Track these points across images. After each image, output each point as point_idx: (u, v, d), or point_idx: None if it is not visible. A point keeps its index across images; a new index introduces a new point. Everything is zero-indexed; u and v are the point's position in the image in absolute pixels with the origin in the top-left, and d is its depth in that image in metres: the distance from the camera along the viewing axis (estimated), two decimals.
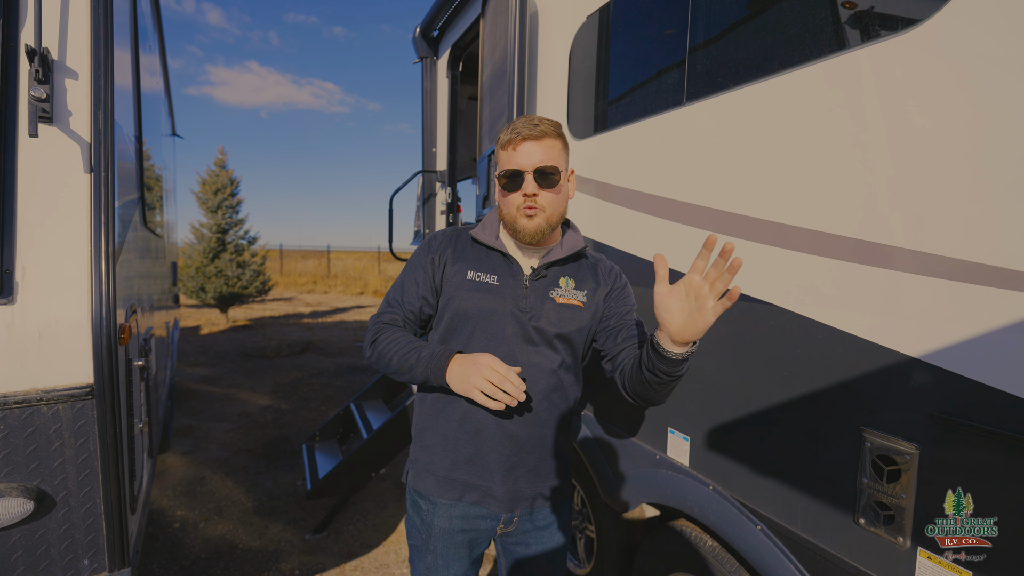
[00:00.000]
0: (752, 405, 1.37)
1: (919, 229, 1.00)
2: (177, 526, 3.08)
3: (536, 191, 1.19)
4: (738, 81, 1.38)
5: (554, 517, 1.34)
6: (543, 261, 1.28)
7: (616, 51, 1.95)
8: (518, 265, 1.28)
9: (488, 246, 1.28)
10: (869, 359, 1.09)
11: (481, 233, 1.30)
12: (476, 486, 1.25)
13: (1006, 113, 0.88)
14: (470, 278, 1.25)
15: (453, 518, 1.26)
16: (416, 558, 1.33)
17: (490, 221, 1.34)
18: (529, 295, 1.25)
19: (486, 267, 1.27)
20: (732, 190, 1.40)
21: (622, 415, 1.92)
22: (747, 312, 1.36)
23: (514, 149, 1.20)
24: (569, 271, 1.31)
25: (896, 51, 1.03)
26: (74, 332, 1.22)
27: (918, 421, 1.02)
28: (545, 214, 1.22)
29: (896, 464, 1.05)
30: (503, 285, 1.25)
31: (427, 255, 1.30)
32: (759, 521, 1.35)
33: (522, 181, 1.20)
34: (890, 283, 1.05)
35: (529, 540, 1.31)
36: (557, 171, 1.21)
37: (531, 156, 1.19)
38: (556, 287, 1.28)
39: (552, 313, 1.26)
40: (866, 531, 1.11)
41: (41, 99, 1.15)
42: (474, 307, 1.24)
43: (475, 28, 3.29)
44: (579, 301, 1.28)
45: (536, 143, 1.20)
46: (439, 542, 1.27)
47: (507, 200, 1.23)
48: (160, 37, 4.24)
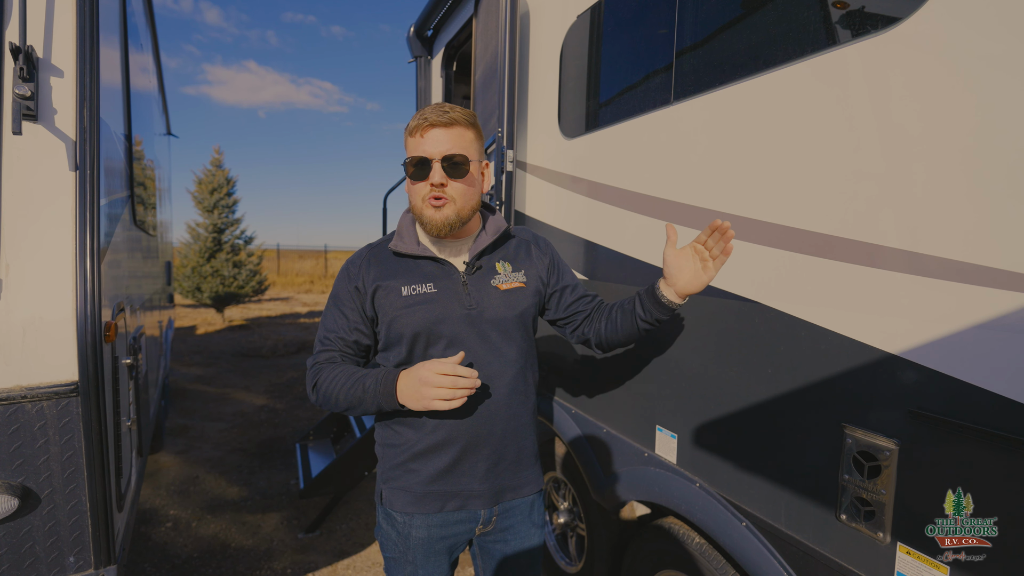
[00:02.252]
0: (737, 402, 1.38)
1: (901, 227, 1.01)
2: (170, 525, 3.08)
3: (444, 181, 1.13)
4: (727, 79, 1.39)
5: (530, 510, 1.33)
6: (473, 252, 1.24)
7: (607, 49, 1.95)
8: (450, 265, 1.23)
9: (413, 255, 1.23)
10: (851, 356, 1.10)
11: (401, 244, 1.23)
12: (457, 493, 1.22)
13: (993, 109, 0.89)
14: (406, 295, 1.19)
15: (432, 527, 1.23)
16: (393, 569, 1.28)
17: (406, 228, 1.27)
18: (471, 291, 1.21)
19: (418, 277, 1.21)
20: (721, 189, 1.41)
21: (611, 413, 1.92)
22: (732, 310, 1.37)
23: (421, 136, 1.14)
24: (501, 255, 1.29)
25: (880, 48, 1.04)
26: (59, 329, 1.22)
27: (898, 418, 1.02)
28: (455, 206, 1.16)
29: (877, 460, 1.06)
30: (442, 290, 1.20)
31: (349, 285, 1.23)
32: (744, 518, 1.36)
33: (429, 170, 1.14)
34: (872, 281, 1.05)
35: (508, 537, 1.30)
36: (467, 160, 1.15)
37: (439, 144, 1.14)
38: (495, 275, 1.25)
39: (499, 302, 1.23)
40: (847, 527, 1.12)
41: (25, 97, 1.15)
42: (421, 323, 1.18)
43: (468, 28, 3.29)
44: (520, 282, 1.27)
45: (445, 130, 1.14)
46: (418, 553, 1.23)
47: (414, 189, 1.17)
48: (153, 35, 4.23)
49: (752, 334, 1.32)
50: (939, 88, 0.95)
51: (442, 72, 3.87)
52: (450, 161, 1.14)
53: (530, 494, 1.31)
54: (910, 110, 0.99)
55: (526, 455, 1.29)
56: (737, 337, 1.37)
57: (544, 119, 2.31)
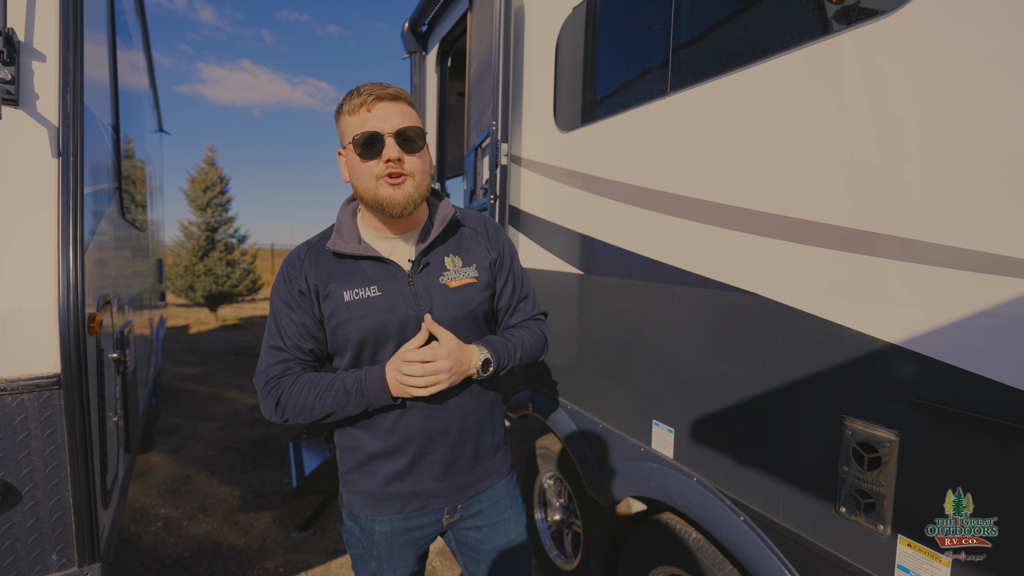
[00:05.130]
0: (735, 396, 1.36)
1: (899, 215, 0.99)
2: (160, 525, 3.04)
3: (400, 155, 1.05)
4: (727, 68, 1.37)
5: (501, 492, 1.27)
6: (419, 248, 1.15)
7: (603, 41, 1.93)
8: (395, 264, 1.13)
9: (354, 256, 1.12)
10: (849, 347, 1.08)
11: (341, 243, 1.13)
12: (416, 493, 1.17)
13: (990, 98, 0.88)
14: (348, 300, 1.10)
15: (395, 522, 1.18)
16: (359, 566, 1.24)
17: (345, 223, 1.17)
18: (418, 291, 1.12)
19: (360, 280, 1.11)
20: (720, 180, 1.39)
21: (608, 409, 1.90)
22: (730, 302, 1.35)
23: (368, 111, 1.04)
24: (451, 247, 1.19)
25: (873, 37, 1.02)
26: (40, 320, 1.19)
27: (899, 408, 1.01)
28: (415, 181, 1.07)
29: (876, 452, 1.04)
30: (386, 292, 1.11)
31: (291, 288, 1.13)
32: (742, 512, 1.34)
33: (382, 146, 1.04)
34: (869, 270, 1.04)
35: (479, 522, 1.24)
36: (422, 134, 1.08)
37: (390, 118, 1.05)
38: (444, 271, 1.16)
39: (448, 301, 1.14)
40: (847, 520, 1.10)
41: (6, 81, 1.12)
42: (366, 329, 1.10)
43: (463, 22, 3.27)
44: (472, 278, 1.18)
45: (393, 104, 1.06)
46: (382, 547, 1.18)
47: (364, 168, 1.06)
48: (144, 30, 4.18)
49: (750, 326, 1.31)
50: (939, 74, 0.93)
51: (437, 68, 3.84)
52: (403, 136, 1.05)
53: (492, 485, 1.26)
54: (910, 99, 0.97)
55: (485, 450, 1.24)
56: (734, 329, 1.35)
57: (539, 113, 2.29)
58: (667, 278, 1.56)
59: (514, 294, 1.28)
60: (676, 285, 1.53)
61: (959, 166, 0.91)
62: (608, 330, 1.88)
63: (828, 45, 1.11)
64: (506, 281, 1.26)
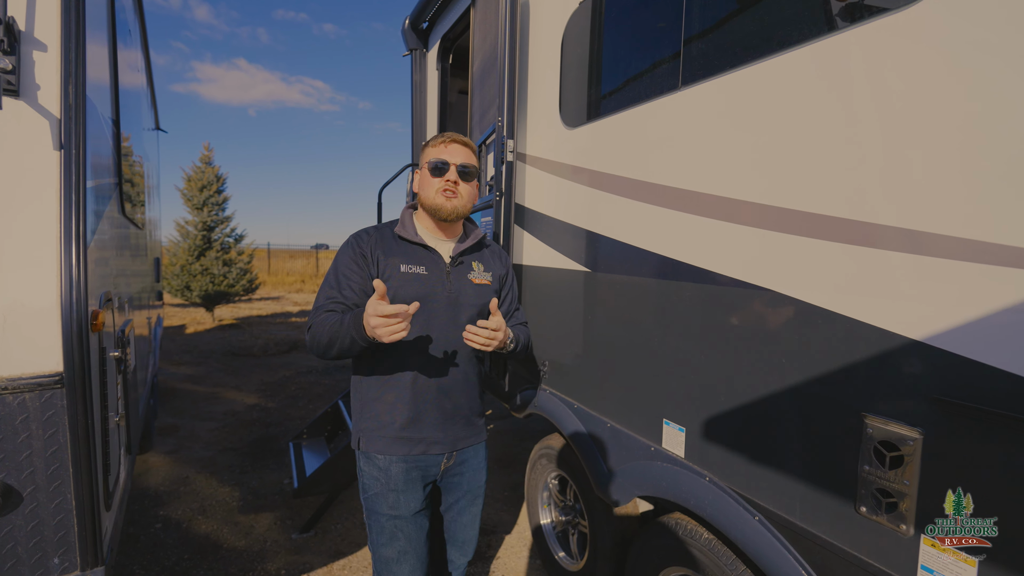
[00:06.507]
0: (749, 393, 1.34)
1: (918, 208, 0.97)
2: (159, 526, 3.00)
3: (457, 180, 1.48)
4: (741, 61, 1.35)
5: (480, 449, 1.67)
6: (456, 251, 1.55)
7: (611, 35, 1.91)
8: (439, 255, 1.53)
9: (412, 241, 1.51)
10: (869, 343, 1.06)
11: (403, 231, 1.52)
12: (420, 439, 1.49)
13: (1001, 90, 0.86)
14: (403, 271, 1.46)
15: (407, 461, 1.49)
16: (377, 504, 1.50)
17: (407, 220, 1.56)
18: (452, 279, 1.52)
19: (414, 260, 1.49)
20: (733, 175, 1.37)
21: (616, 408, 1.88)
22: (744, 298, 1.33)
23: (445, 147, 1.50)
24: (477, 257, 1.61)
25: (886, 31, 1.00)
26: (42, 317, 1.16)
27: (922, 406, 0.99)
28: (462, 200, 1.50)
29: (899, 450, 1.02)
30: (431, 274, 1.49)
31: (358, 250, 1.47)
32: (756, 512, 1.32)
33: (447, 170, 1.48)
34: (890, 264, 1.02)
35: (463, 469, 1.62)
36: (476, 171, 1.52)
37: (458, 155, 1.50)
38: (471, 271, 1.56)
39: (471, 292, 1.53)
40: (867, 519, 1.08)
41: (7, 71, 1.09)
42: (410, 295, 1.43)
43: (466, 18, 3.24)
44: (487, 280, 1.59)
45: (463, 147, 1.51)
46: (398, 482, 1.48)
47: (431, 182, 1.49)
48: (142, 28, 4.14)
49: (765, 323, 1.29)
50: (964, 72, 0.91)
51: (438, 65, 3.82)
52: (464, 168, 1.49)
53: (478, 442, 1.65)
54: (930, 91, 0.95)
55: (476, 412, 1.62)
56: (749, 326, 1.33)
57: (545, 109, 2.26)
58: (678, 275, 1.54)
59: (512, 303, 1.73)
60: (687, 282, 1.51)
61: (988, 157, 0.89)
62: (616, 328, 1.86)
63: (844, 38, 1.09)
64: (508, 292, 1.72)
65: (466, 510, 1.65)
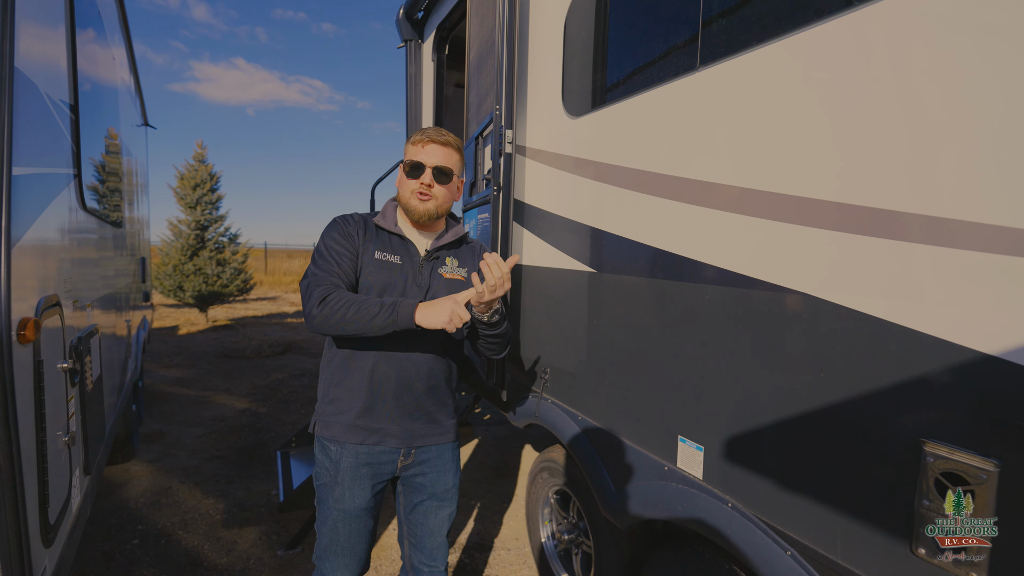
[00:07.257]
0: (780, 412, 1.18)
1: (986, 201, 0.81)
2: (137, 542, 2.83)
3: (432, 183, 1.49)
4: (772, 34, 1.19)
5: (446, 451, 1.61)
6: (433, 245, 1.56)
7: (619, 15, 1.75)
8: (414, 247, 1.55)
9: (390, 231, 1.54)
10: (931, 358, 0.90)
11: (383, 221, 1.55)
12: (375, 430, 1.50)
13: None
14: (377, 257, 1.49)
15: (359, 455, 1.50)
16: (325, 494, 1.52)
17: (389, 210, 1.59)
18: (423, 272, 1.53)
19: (389, 249, 1.52)
20: (760, 164, 1.21)
21: (624, 421, 1.72)
22: (775, 303, 1.17)
23: (422, 147, 1.50)
24: (453, 253, 1.61)
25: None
26: None
27: (998, 433, 0.83)
28: (436, 202, 1.51)
29: (969, 484, 0.86)
30: (403, 264, 1.52)
31: (345, 230, 1.50)
32: (789, 546, 1.16)
33: (422, 172, 1.49)
34: (956, 265, 0.86)
35: (425, 469, 1.58)
36: (452, 173, 1.53)
37: (434, 156, 1.49)
38: (443, 265, 1.57)
39: (440, 286, 1.54)
40: (926, 563, 0.92)
41: None
42: (379, 281, 1.47)
43: (462, 7, 3.08)
44: (461, 276, 1.58)
45: (440, 147, 1.50)
46: (346, 475, 1.49)
47: (406, 183, 1.51)
48: (124, 25, 3.97)
49: (800, 331, 1.13)
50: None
51: (433, 56, 3.65)
52: (439, 171, 1.50)
53: (440, 443, 1.59)
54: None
55: (442, 411, 1.59)
56: (781, 335, 1.17)
57: (546, 96, 2.10)
58: (697, 276, 1.38)
59: None
60: (708, 284, 1.35)
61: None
62: (624, 334, 1.69)
63: (869, 12, 0.93)
64: None
65: (432, 513, 1.60)
